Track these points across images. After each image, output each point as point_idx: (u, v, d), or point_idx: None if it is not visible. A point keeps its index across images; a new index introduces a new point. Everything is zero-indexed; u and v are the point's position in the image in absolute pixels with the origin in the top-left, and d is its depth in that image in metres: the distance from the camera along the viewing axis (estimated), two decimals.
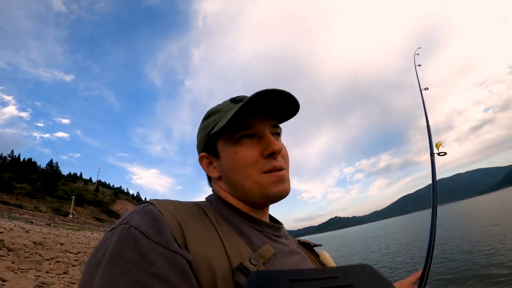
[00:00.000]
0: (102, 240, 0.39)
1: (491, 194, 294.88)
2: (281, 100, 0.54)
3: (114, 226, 0.41)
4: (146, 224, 0.39)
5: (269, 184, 0.53)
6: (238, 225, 0.52)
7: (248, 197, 0.55)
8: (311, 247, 0.71)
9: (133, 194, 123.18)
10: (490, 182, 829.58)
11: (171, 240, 0.38)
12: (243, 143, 0.54)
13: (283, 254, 0.51)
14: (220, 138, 0.57)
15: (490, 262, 8.39)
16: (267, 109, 0.56)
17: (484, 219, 22.85)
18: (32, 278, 5.61)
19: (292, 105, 0.57)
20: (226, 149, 0.56)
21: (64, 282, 6.06)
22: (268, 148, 0.53)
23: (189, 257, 0.39)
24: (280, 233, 0.59)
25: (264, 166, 0.53)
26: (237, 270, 0.41)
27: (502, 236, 12.39)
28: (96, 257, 0.37)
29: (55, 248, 10.70)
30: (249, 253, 0.46)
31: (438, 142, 1.48)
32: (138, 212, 0.42)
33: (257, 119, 0.56)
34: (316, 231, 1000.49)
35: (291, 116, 0.61)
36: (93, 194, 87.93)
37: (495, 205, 43.13)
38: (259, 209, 0.58)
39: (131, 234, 0.37)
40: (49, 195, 65.55)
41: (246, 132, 0.54)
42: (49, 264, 7.58)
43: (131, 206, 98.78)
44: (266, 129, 0.56)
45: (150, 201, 0.46)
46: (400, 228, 43.25)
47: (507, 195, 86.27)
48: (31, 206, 53.31)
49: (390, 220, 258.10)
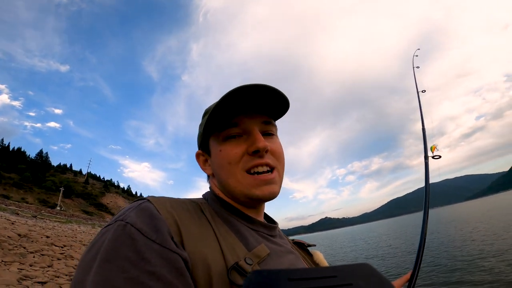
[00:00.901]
0: (97, 236, 0.39)
1: (478, 200, 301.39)
2: (270, 96, 0.53)
3: (109, 222, 0.41)
4: (143, 221, 0.39)
5: (252, 186, 0.52)
6: (233, 223, 0.52)
7: (234, 195, 0.55)
8: (305, 247, 0.71)
9: (123, 187, 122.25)
10: (478, 189, 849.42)
11: (168, 238, 0.38)
12: (229, 141, 0.54)
13: (277, 254, 0.51)
14: (211, 136, 0.58)
15: (474, 267, 8.55)
16: (258, 106, 0.55)
17: (468, 225, 23.39)
18: (15, 271, 5.51)
19: (281, 101, 0.55)
20: (214, 147, 0.56)
21: (48, 276, 5.96)
22: (253, 145, 0.52)
23: (185, 255, 0.38)
24: (275, 233, 0.59)
25: (247, 163, 0.52)
26: (232, 269, 0.41)
27: (484, 242, 12.67)
28: (90, 253, 0.36)
29: (40, 240, 10.52)
30: (244, 253, 0.46)
31: (433, 145, 1.49)
32: (134, 209, 0.41)
33: (246, 116, 0.55)
34: (306, 231, 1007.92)
35: (283, 112, 0.60)
36: (82, 186, 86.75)
37: (481, 211, 44.17)
38: (251, 208, 0.57)
39: (127, 231, 0.37)
40: (37, 186, 64.50)
41: (233, 130, 0.54)
42: (33, 257, 7.44)
43: (121, 199, 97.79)
44: (254, 126, 0.55)
45: (147, 198, 0.45)
46: (389, 230, 43.78)
47: (492, 202, 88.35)
48: (18, 197, 52.34)
49: (379, 222, 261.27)
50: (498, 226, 17.66)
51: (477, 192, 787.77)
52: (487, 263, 8.68)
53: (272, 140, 0.58)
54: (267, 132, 0.58)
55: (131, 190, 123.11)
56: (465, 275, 7.85)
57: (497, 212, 32.84)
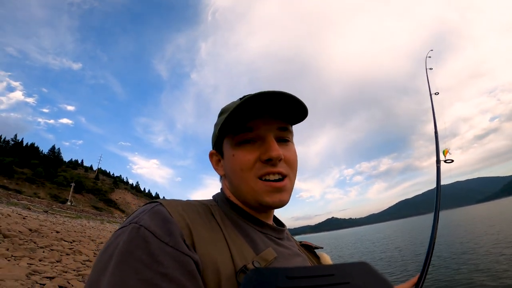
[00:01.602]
0: (112, 238, 0.40)
1: (489, 203, 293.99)
2: (288, 102, 0.52)
3: (123, 224, 0.42)
4: (156, 224, 0.40)
5: (263, 192, 0.52)
6: (242, 226, 0.52)
7: (245, 200, 0.55)
8: (312, 249, 0.71)
9: (132, 184, 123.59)
10: (489, 191, 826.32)
11: (180, 241, 0.39)
12: (243, 146, 0.54)
13: (284, 257, 0.52)
14: (225, 138, 0.57)
15: (485, 271, 8.39)
16: (275, 111, 0.54)
17: (478, 228, 22.88)
18: (25, 266, 5.64)
19: (299, 108, 0.54)
20: (228, 150, 0.56)
21: (57, 271, 6.07)
22: (266, 153, 0.52)
23: (197, 258, 0.39)
24: (283, 236, 0.60)
25: (260, 170, 0.52)
26: (240, 272, 0.42)
27: (495, 245, 12.40)
28: (106, 254, 0.38)
29: (50, 236, 10.77)
30: (252, 256, 0.47)
31: (445, 149, 1.45)
32: (147, 212, 0.42)
33: (261, 121, 0.54)
34: (312, 230, 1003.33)
35: (301, 119, 0.59)
36: (92, 182, 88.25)
37: (492, 214, 43.05)
38: (261, 212, 0.58)
39: (141, 233, 0.38)
40: (48, 181, 65.94)
41: (247, 135, 0.53)
42: (43, 252, 7.62)
43: (129, 195, 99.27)
44: (269, 133, 0.54)
45: (159, 201, 0.46)
46: (396, 232, 43.18)
47: (504, 205, 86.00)
48: (31, 191, 53.67)
49: (386, 224, 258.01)
50: (509, 230, 17.21)
51: (489, 195, 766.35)
52: (499, 266, 8.48)
53: (287, 147, 0.57)
54: (283, 138, 0.56)
55: (139, 187, 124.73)
56: (475, 280, 7.68)
57: (509, 215, 31.92)
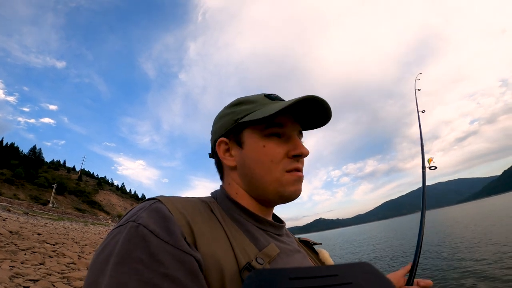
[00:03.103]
0: (109, 237, 0.38)
1: (469, 203, 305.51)
2: (315, 109, 0.55)
3: (121, 223, 0.40)
4: (155, 222, 0.38)
5: (289, 182, 0.54)
6: (243, 223, 0.52)
7: (263, 192, 0.55)
8: (311, 245, 0.72)
9: (117, 185, 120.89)
10: (469, 192, 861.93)
11: (181, 239, 0.38)
12: (273, 139, 0.55)
13: (286, 253, 0.52)
14: (249, 128, 0.56)
15: (463, 268, 8.75)
16: (298, 114, 0.57)
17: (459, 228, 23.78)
18: (7, 269, 5.48)
19: (322, 118, 0.58)
20: (254, 141, 0.55)
21: (40, 273, 5.92)
22: (297, 149, 0.54)
23: (199, 256, 0.38)
24: (282, 232, 0.60)
25: (288, 165, 0.54)
26: (244, 269, 0.41)
27: (472, 244, 12.93)
28: (103, 255, 0.36)
29: (31, 238, 10.42)
30: (255, 252, 0.46)
31: (430, 158, 1.54)
32: (146, 209, 0.41)
33: (290, 121, 0.56)
34: (301, 231, 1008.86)
35: (316, 127, 0.62)
36: (75, 183, 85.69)
37: (470, 214, 44.85)
38: (266, 207, 0.58)
39: (140, 232, 0.36)
40: (29, 182, 63.55)
41: (276, 130, 0.55)
42: (24, 255, 7.37)
43: (114, 197, 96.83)
44: (295, 132, 0.57)
45: (157, 198, 0.44)
46: (382, 233, 43.99)
47: (483, 205, 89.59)
48: (10, 193, 51.54)
49: (372, 224, 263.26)
50: (490, 228, 17.93)
51: (468, 195, 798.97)
52: (480, 265, 8.81)
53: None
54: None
55: (125, 188, 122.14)
56: (459, 277, 7.95)
57: (488, 215, 33.37)
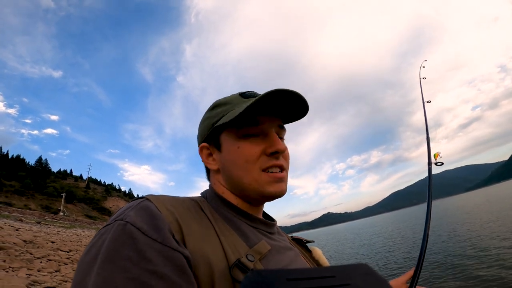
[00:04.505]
0: (96, 237, 0.38)
1: (478, 190, 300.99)
2: (290, 101, 0.54)
3: (108, 222, 0.40)
4: (143, 220, 0.38)
5: (267, 183, 0.53)
6: (233, 221, 0.52)
7: (244, 192, 0.55)
8: (304, 243, 0.72)
9: (125, 191, 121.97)
10: (478, 179, 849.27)
11: (169, 236, 0.38)
12: (248, 139, 0.54)
13: (277, 250, 0.52)
14: (225, 131, 0.56)
15: (479, 261, 8.38)
16: (275, 109, 0.56)
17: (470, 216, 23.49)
18: (24, 277, 5.59)
19: (300, 108, 0.56)
20: (230, 143, 0.55)
21: (57, 280, 6.05)
22: (273, 146, 0.53)
23: (187, 253, 0.38)
24: (273, 230, 0.60)
25: (265, 163, 0.53)
26: (234, 266, 0.41)
27: (483, 236, 12.63)
28: (90, 254, 0.36)
29: (46, 246, 10.62)
30: (246, 249, 0.46)
31: (436, 153, 1.47)
32: (133, 208, 0.40)
33: (266, 117, 0.55)
34: (309, 227, 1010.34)
35: (298, 119, 0.61)
36: (83, 191, 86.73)
37: (480, 202, 44.23)
38: (254, 205, 0.58)
39: (127, 230, 0.36)
40: (38, 192, 64.48)
41: (252, 129, 0.54)
42: (40, 263, 7.53)
43: (123, 203, 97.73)
44: (272, 128, 0.56)
45: (146, 196, 0.44)
46: (392, 224, 43.55)
47: (492, 192, 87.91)
48: (21, 204, 52.35)
49: (381, 216, 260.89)
50: (502, 217, 17.68)
51: (477, 182, 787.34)
52: (492, 256, 8.53)
53: (284, 144, 0.59)
54: (279, 136, 0.58)
55: (132, 193, 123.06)
56: (469, 270, 7.74)
57: (498, 202, 32.91)
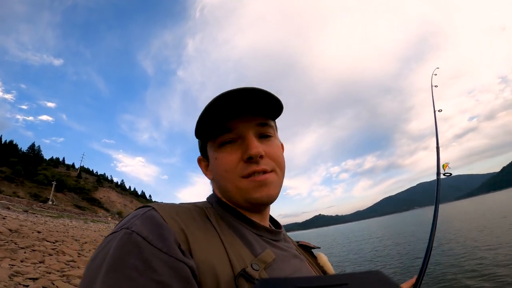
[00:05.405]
0: (103, 244, 0.39)
1: (467, 199, 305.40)
2: (263, 98, 0.52)
3: (114, 230, 0.40)
4: (148, 230, 0.38)
5: (249, 189, 0.52)
6: (238, 228, 0.51)
7: (234, 201, 0.55)
8: (310, 249, 0.71)
9: (117, 182, 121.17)
10: (468, 188, 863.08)
11: (174, 246, 0.38)
12: (224, 148, 0.53)
13: (282, 259, 0.51)
14: (208, 143, 0.57)
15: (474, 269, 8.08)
16: (252, 108, 0.53)
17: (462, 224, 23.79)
18: (7, 267, 5.56)
19: (274, 102, 0.54)
20: (211, 154, 0.56)
21: (40, 272, 5.97)
22: (246, 152, 0.51)
23: (192, 264, 0.38)
24: (279, 237, 0.59)
25: (243, 170, 0.52)
26: (239, 276, 0.41)
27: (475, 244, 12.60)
28: (96, 261, 0.36)
29: (31, 236, 10.50)
30: (251, 258, 0.46)
31: (445, 163, 1.48)
32: (139, 217, 0.41)
33: (240, 120, 0.53)
34: (300, 227, 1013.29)
35: (279, 113, 0.58)
36: (75, 180, 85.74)
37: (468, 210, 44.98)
38: (255, 212, 0.57)
39: (133, 239, 0.37)
40: (28, 179, 63.56)
41: (227, 136, 0.53)
42: (24, 253, 7.44)
43: (114, 194, 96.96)
44: (249, 130, 0.53)
45: (151, 205, 0.44)
46: (381, 229, 43.90)
47: (481, 202, 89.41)
48: (10, 191, 51.60)
49: (372, 220, 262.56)
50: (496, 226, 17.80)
51: (467, 191, 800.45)
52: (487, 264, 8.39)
53: (269, 142, 0.56)
54: (264, 134, 0.56)
55: (124, 185, 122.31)
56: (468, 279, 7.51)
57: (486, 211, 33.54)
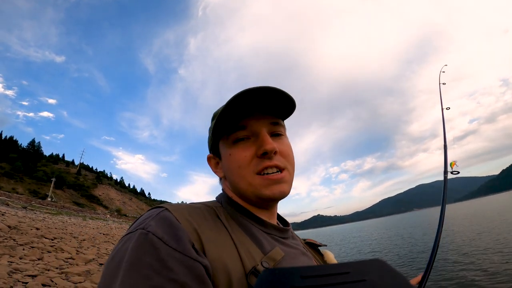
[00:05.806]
0: (120, 244, 0.40)
1: (465, 202, 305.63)
2: (276, 97, 0.53)
3: (130, 230, 0.42)
4: (163, 230, 0.40)
5: (262, 186, 0.53)
6: (247, 227, 0.53)
7: (246, 197, 0.56)
8: (316, 246, 0.73)
9: (116, 179, 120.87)
10: (466, 191, 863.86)
11: (189, 246, 0.39)
12: (239, 144, 0.55)
13: (291, 256, 0.53)
14: (221, 140, 0.59)
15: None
16: (265, 107, 0.55)
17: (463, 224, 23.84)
18: (6, 264, 5.56)
19: (287, 101, 0.56)
20: (224, 151, 0.57)
21: (39, 269, 5.95)
22: (261, 148, 0.53)
23: (206, 262, 0.39)
24: (287, 235, 0.60)
25: (257, 166, 0.53)
26: (250, 274, 0.42)
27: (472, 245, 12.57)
28: (114, 261, 0.38)
29: (30, 233, 10.49)
30: (261, 256, 0.47)
31: (452, 161, 1.48)
32: (154, 217, 0.42)
33: (253, 118, 0.55)
34: (299, 227, 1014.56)
35: (290, 112, 0.60)
36: (74, 177, 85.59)
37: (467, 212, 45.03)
38: (264, 209, 0.58)
39: (149, 239, 0.38)
40: (27, 176, 63.45)
41: (241, 133, 0.55)
42: (23, 250, 7.42)
43: (113, 191, 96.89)
44: (262, 128, 0.55)
45: (164, 206, 0.46)
46: (379, 230, 44.02)
47: (479, 204, 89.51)
48: (9, 187, 51.53)
49: (370, 221, 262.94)
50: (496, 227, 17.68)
51: (466, 194, 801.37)
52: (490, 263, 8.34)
53: (281, 140, 0.58)
54: (276, 133, 0.58)
55: (124, 182, 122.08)
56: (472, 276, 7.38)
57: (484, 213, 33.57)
